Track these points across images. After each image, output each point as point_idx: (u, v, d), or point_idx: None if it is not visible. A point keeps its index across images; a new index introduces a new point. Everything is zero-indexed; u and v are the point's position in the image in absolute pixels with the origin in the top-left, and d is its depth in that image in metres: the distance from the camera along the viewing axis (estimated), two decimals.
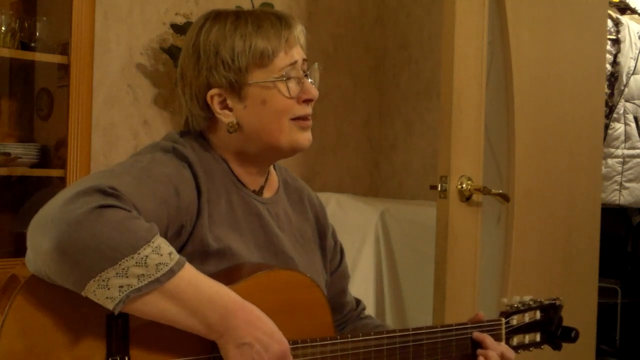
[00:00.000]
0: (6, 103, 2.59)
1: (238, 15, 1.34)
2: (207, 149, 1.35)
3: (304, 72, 1.37)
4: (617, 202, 3.59)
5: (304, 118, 1.36)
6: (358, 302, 1.62)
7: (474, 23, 2.36)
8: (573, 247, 2.77)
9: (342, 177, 3.66)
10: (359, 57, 3.71)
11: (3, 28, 2.42)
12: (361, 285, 2.83)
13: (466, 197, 2.32)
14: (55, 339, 1.11)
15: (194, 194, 1.27)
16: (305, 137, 1.37)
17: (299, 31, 1.36)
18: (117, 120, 2.86)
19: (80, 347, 1.12)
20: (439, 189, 2.29)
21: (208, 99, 1.33)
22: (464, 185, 2.31)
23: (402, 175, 3.66)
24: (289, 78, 1.33)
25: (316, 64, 1.41)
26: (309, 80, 1.38)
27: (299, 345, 1.25)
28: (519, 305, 1.53)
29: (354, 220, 2.98)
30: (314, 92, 1.37)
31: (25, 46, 2.48)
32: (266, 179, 1.43)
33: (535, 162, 2.62)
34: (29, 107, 2.62)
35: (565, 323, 1.62)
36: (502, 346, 1.47)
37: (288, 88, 1.33)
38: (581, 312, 2.80)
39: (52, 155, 2.52)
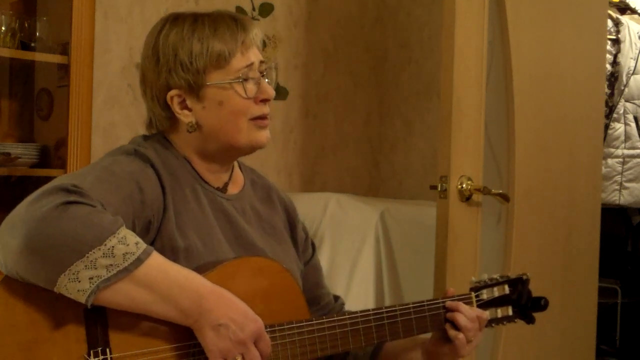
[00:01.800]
0: (6, 103, 2.59)
1: (195, 18, 1.38)
2: (170, 150, 1.39)
3: (260, 72, 1.39)
4: (617, 202, 3.59)
5: (261, 117, 1.39)
6: (337, 297, 1.63)
7: (474, 23, 2.36)
8: (573, 247, 2.77)
9: (342, 177, 3.66)
10: (359, 57, 3.71)
11: (3, 28, 2.42)
12: (361, 285, 2.83)
13: (466, 197, 2.32)
14: (36, 336, 1.12)
15: (159, 191, 1.29)
16: (263, 136, 1.40)
17: (254, 33, 1.39)
18: (117, 120, 2.86)
19: (62, 342, 1.13)
20: (439, 189, 2.29)
21: (168, 99, 1.37)
22: (464, 185, 2.31)
23: (402, 175, 3.66)
24: (245, 79, 1.36)
25: (273, 64, 1.44)
26: (266, 80, 1.40)
27: (276, 328, 1.27)
28: (486, 281, 1.56)
29: (354, 220, 2.97)
30: (271, 92, 1.40)
31: (25, 46, 2.48)
32: (230, 177, 1.46)
33: (535, 162, 2.62)
34: (29, 107, 2.62)
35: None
36: (474, 309, 1.49)
37: (245, 89, 1.36)
38: (581, 312, 2.81)
39: (52, 155, 2.52)
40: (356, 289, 2.82)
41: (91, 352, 1.14)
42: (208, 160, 1.41)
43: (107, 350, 1.15)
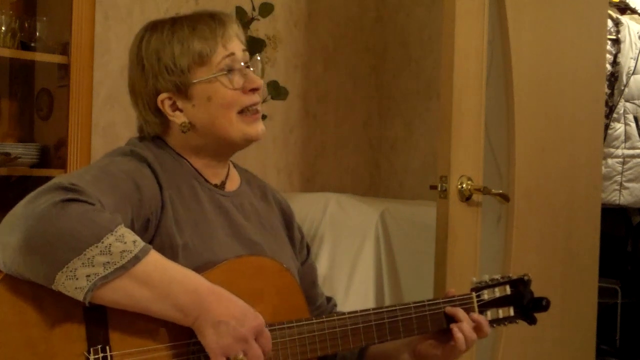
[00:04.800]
0: (6, 103, 2.59)
1: (174, 22, 1.39)
2: (166, 150, 1.40)
3: (245, 64, 1.40)
4: (617, 202, 3.59)
5: (251, 110, 1.39)
6: (329, 298, 1.64)
7: (474, 23, 2.36)
8: (573, 247, 2.77)
9: (342, 177, 3.66)
10: (359, 57, 3.71)
11: (3, 28, 2.41)
12: (361, 285, 2.83)
13: (466, 197, 2.32)
14: (35, 333, 1.12)
15: (156, 189, 1.30)
16: (256, 128, 1.40)
17: (233, 27, 1.40)
18: (117, 120, 2.86)
19: (62, 339, 1.14)
20: (439, 189, 2.29)
21: (159, 104, 1.38)
22: (464, 185, 2.31)
23: (402, 175, 3.66)
24: (230, 71, 1.37)
25: (257, 55, 1.47)
26: (251, 69, 1.41)
27: (276, 327, 1.27)
28: (488, 281, 1.56)
29: (354, 220, 2.97)
30: (258, 81, 1.40)
31: (25, 46, 2.48)
32: (227, 174, 1.46)
33: (535, 162, 2.62)
34: (29, 107, 2.61)
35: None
36: (475, 316, 1.48)
37: (230, 80, 1.37)
38: (581, 312, 2.81)
39: (52, 155, 2.52)
40: (356, 289, 2.82)
41: (91, 349, 1.14)
42: (205, 157, 1.41)
43: (107, 348, 1.15)
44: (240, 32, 1.42)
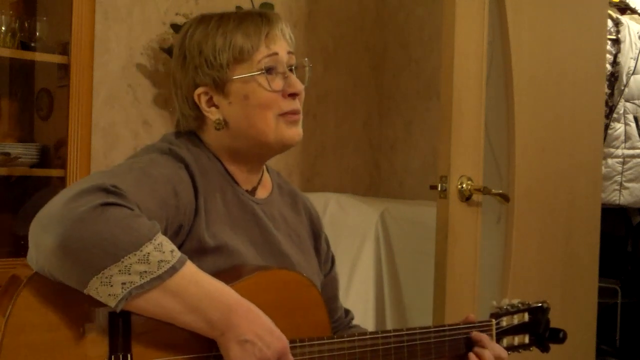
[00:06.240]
0: (6, 103, 2.59)
1: (222, 16, 1.36)
2: (202, 149, 1.37)
3: (289, 66, 1.37)
4: (617, 202, 3.59)
5: (291, 113, 1.36)
6: (347, 311, 1.63)
7: (474, 23, 2.36)
8: (573, 247, 2.77)
9: (342, 177, 3.66)
10: (359, 57, 3.71)
11: (3, 28, 2.42)
12: (361, 285, 2.83)
13: (466, 197, 2.32)
14: (58, 337, 1.11)
15: (192, 195, 1.28)
16: (293, 133, 1.36)
17: (281, 27, 1.37)
18: (117, 120, 2.86)
19: (83, 344, 1.12)
20: (439, 189, 2.29)
21: (195, 97, 1.36)
22: (464, 185, 2.31)
23: (402, 175, 3.66)
24: (269, 72, 1.33)
25: (306, 60, 1.41)
26: (294, 75, 1.37)
27: (297, 345, 1.26)
28: (508, 307, 1.55)
29: (354, 220, 2.97)
30: (299, 87, 1.36)
31: (25, 46, 2.48)
32: (259, 180, 1.44)
33: (535, 162, 2.62)
34: (29, 107, 2.62)
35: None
36: (497, 347, 1.48)
37: (268, 81, 1.33)
38: (581, 312, 2.81)
39: (52, 155, 2.52)
40: (356, 289, 2.81)
41: (112, 357, 1.13)
42: (238, 160, 1.39)
43: (128, 356, 1.14)
44: (290, 34, 1.39)
